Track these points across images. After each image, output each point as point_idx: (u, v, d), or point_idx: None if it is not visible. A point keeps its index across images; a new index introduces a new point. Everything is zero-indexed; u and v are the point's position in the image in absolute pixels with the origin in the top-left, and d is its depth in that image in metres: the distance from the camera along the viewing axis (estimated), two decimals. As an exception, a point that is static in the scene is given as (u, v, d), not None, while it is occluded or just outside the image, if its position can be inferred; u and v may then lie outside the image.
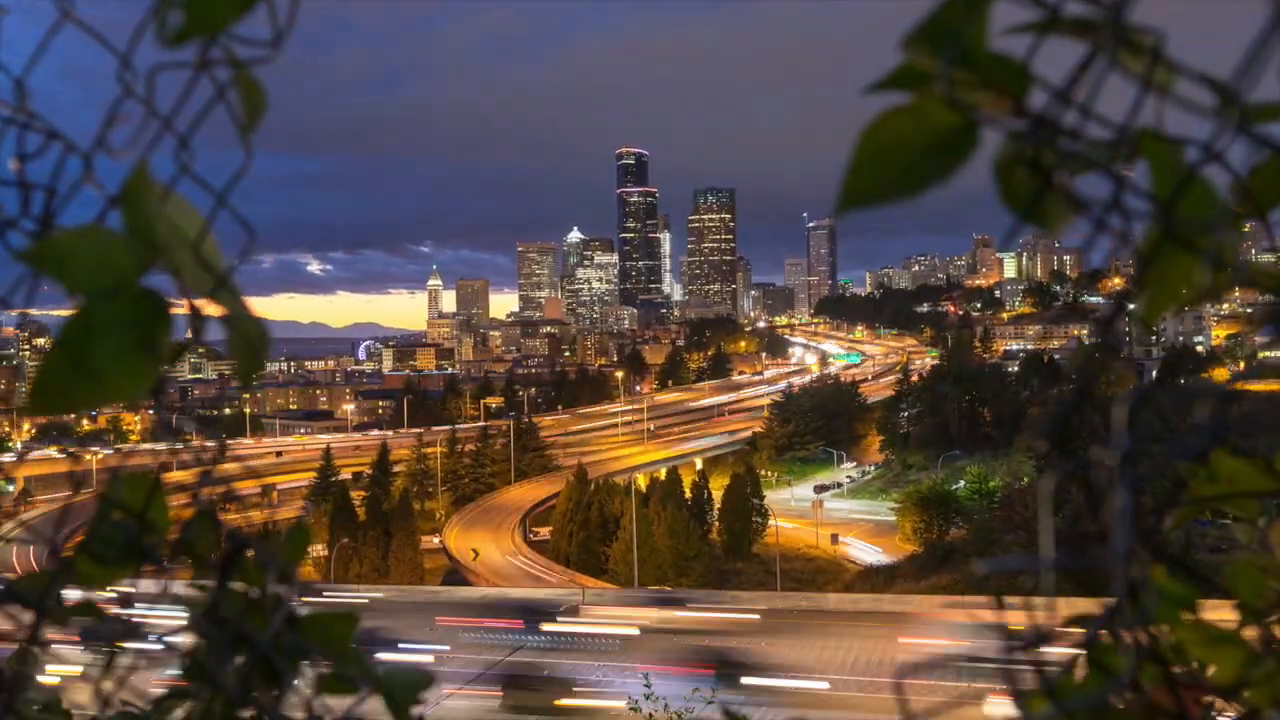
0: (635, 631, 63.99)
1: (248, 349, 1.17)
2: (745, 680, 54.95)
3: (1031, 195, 0.94)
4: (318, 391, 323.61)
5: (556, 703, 50.44)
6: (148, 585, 1.31)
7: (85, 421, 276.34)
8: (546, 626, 65.47)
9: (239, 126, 1.11)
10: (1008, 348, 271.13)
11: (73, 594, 1.29)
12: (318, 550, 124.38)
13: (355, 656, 1.25)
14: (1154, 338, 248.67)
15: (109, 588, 1.32)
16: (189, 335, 1.15)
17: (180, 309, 1.15)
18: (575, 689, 51.85)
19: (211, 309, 1.16)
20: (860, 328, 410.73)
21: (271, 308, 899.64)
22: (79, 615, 1.29)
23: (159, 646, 1.20)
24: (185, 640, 1.24)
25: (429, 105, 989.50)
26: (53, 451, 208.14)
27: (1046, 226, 0.97)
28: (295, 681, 1.23)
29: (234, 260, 1.18)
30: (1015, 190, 0.95)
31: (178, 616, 1.23)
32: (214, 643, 1.25)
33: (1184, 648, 1.24)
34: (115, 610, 1.30)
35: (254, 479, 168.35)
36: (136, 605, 1.32)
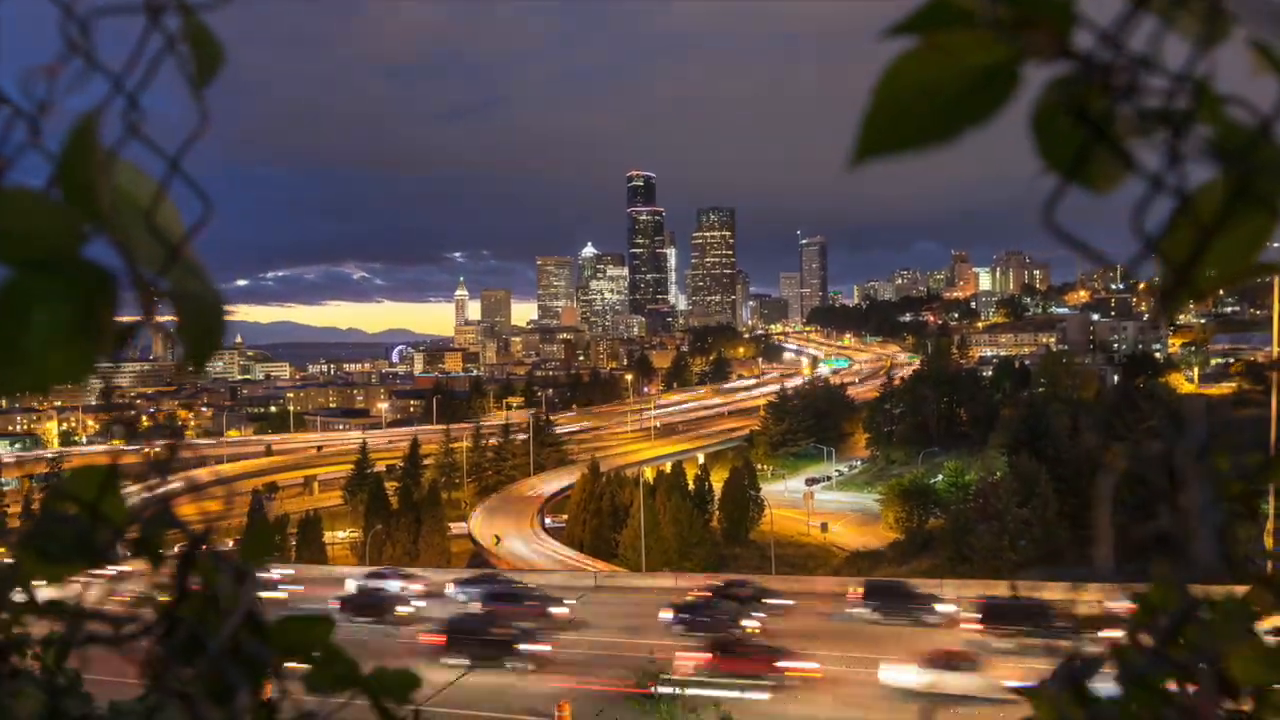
0: None
1: (199, 328, 0.94)
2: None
3: (1076, 150, 0.75)
4: (355, 391, 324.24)
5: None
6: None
7: (145, 418, 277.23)
8: None
9: (190, 81, 0.89)
10: (982, 354, 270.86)
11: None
12: (354, 535, 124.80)
13: (339, 657, 1.12)
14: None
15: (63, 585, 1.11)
16: (141, 315, 0.92)
17: (130, 284, 0.91)
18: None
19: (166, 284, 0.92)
20: (849, 335, 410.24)
21: (319, 314, 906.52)
22: (42, 614, 1.15)
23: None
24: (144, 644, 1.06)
25: (487, 133, 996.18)
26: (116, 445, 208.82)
27: (1091, 187, 0.77)
28: (250, 693, 1.05)
29: (190, 230, 0.96)
30: (1055, 145, 0.76)
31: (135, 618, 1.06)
32: (167, 648, 1.06)
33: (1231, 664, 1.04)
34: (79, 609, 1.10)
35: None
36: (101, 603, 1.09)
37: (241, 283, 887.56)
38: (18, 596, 1.12)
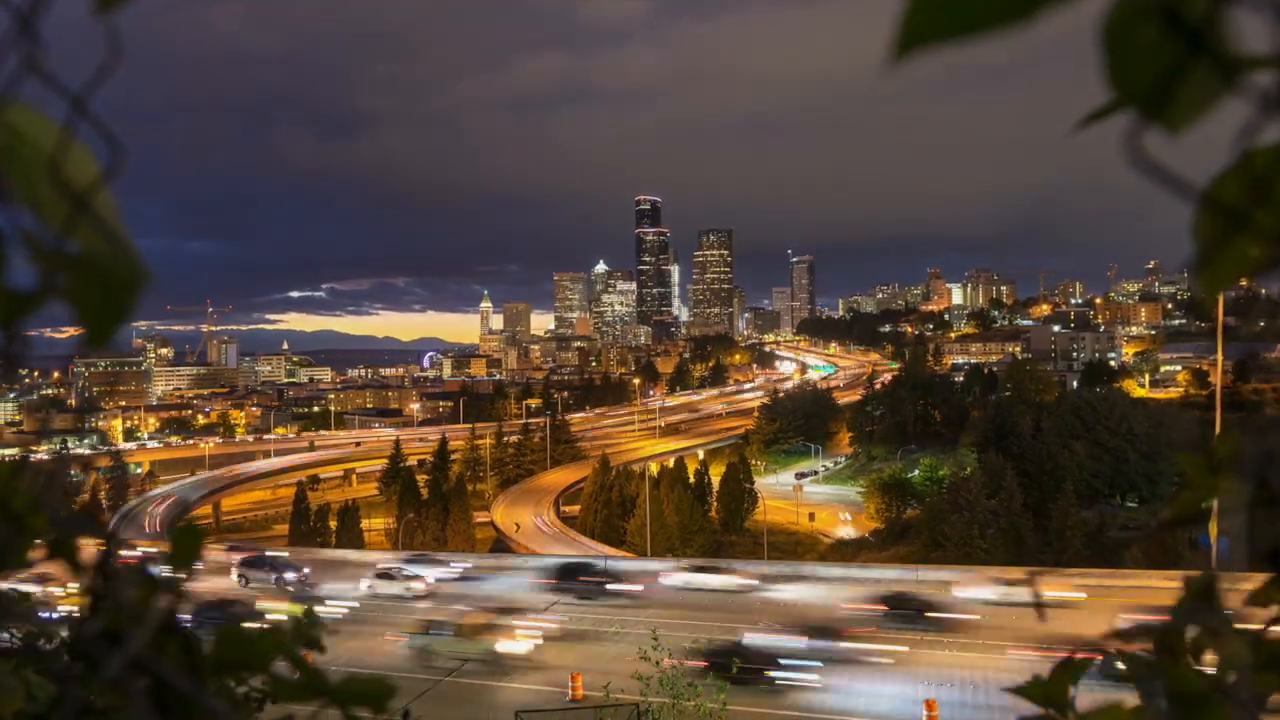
0: None
1: (101, 299, 0.69)
2: None
3: (1159, 70, 0.52)
4: (389, 393, 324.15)
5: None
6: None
7: (200, 417, 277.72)
8: None
9: (92, 4, 0.66)
10: (954, 362, 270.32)
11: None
12: (388, 522, 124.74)
13: (303, 667, 0.94)
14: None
15: None
16: (42, 281, 0.69)
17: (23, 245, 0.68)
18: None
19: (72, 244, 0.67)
20: (834, 344, 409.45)
21: (358, 323, 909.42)
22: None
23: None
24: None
25: (518, 167, 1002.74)
26: (173, 440, 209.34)
27: (1169, 120, 0.54)
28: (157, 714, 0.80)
29: (101, 176, 0.70)
30: (1132, 65, 0.53)
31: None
32: (75, 663, 0.85)
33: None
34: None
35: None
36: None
37: (294, 294, 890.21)
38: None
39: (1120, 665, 0.81)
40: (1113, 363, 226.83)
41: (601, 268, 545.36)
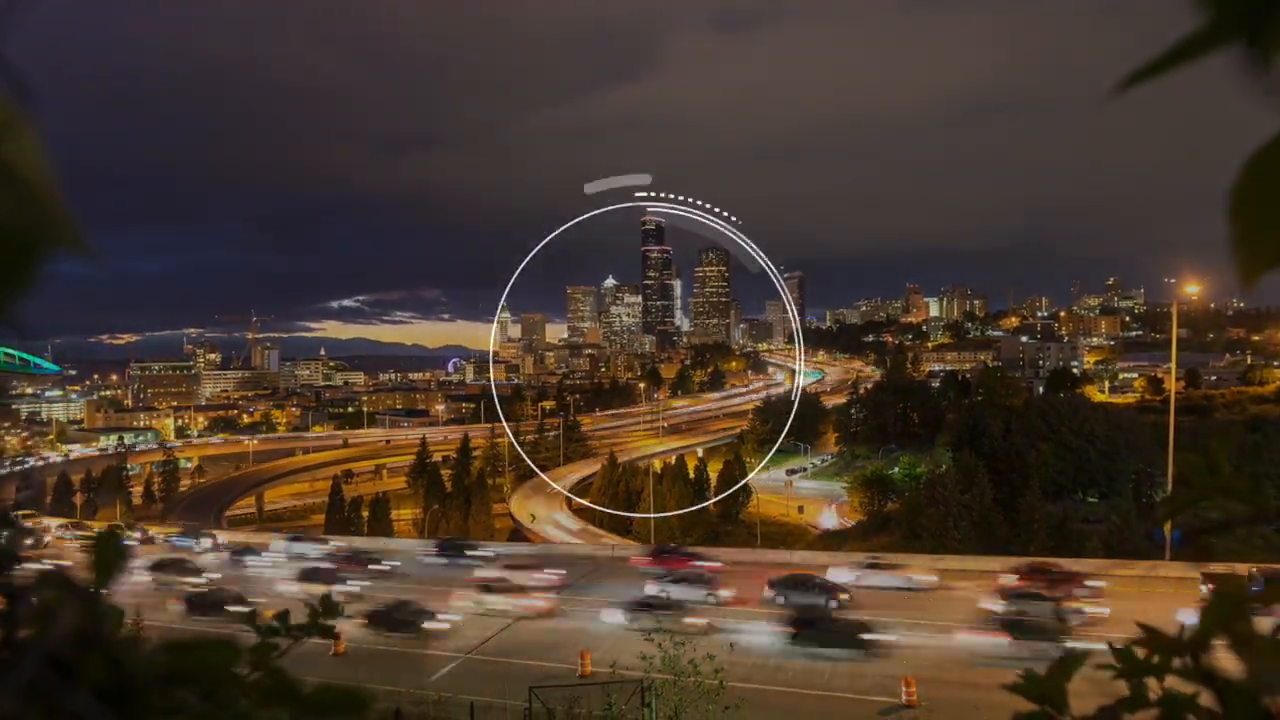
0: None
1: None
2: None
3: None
4: (417, 395, 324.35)
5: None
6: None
7: (245, 416, 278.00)
8: None
9: None
10: (931, 369, 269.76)
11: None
12: (415, 513, 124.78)
13: (274, 674, 0.85)
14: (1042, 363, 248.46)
15: None
16: None
17: None
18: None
19: None
20: (822, 353, 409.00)
21: (389, 331, 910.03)
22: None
23: None
24: None
25: (555, 188, 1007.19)
26: (220, 438, 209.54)
27: (1272, 48, 0.44)
28: None
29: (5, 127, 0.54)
30: None
31: None
32: None
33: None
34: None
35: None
36: None
37: (333, 304, 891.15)
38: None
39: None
40: (1075, 370, 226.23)
41: (610, 282, 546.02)
